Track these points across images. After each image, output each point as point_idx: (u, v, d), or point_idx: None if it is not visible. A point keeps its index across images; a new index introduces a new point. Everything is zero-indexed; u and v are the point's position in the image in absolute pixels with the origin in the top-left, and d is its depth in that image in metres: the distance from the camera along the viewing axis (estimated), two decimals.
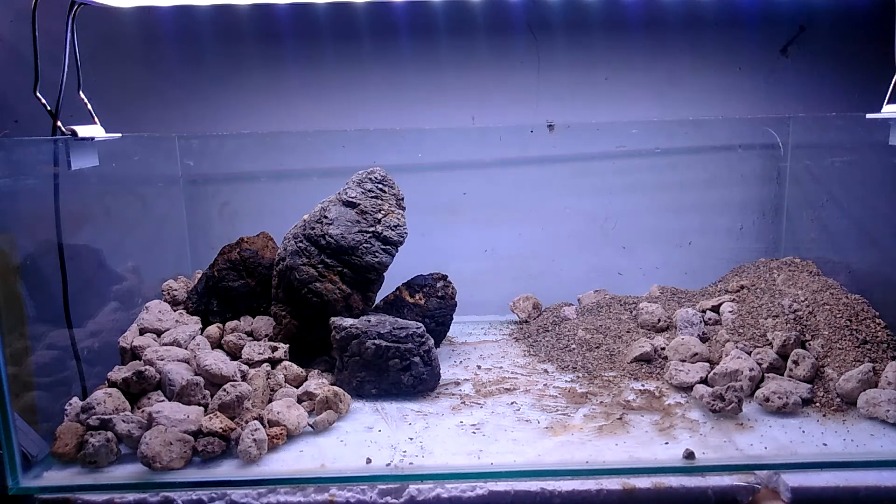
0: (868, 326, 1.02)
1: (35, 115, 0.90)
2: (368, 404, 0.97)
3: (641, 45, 1.25)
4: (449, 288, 1.13)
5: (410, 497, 0.79)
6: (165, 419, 0.84)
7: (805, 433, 0.88)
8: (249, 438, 0.82)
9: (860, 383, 0.92)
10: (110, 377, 0.93)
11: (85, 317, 1.03)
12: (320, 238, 1.01)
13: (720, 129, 1.27)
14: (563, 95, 1.26)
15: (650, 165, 1.29)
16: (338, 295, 1.00)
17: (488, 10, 1.23)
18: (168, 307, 1.09)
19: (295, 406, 0.90)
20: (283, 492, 0.79)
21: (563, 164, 1.29)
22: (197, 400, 0.90)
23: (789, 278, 1.14)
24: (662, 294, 1.25)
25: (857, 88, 1.24)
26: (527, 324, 1.26)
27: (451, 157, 1.28)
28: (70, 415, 0.88)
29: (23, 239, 0.92)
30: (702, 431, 0.88)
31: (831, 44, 1.26)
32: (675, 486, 0.80)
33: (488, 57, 1.26)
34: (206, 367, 0.93)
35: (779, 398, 0.92)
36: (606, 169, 1.29)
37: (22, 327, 0.91)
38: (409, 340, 0.97)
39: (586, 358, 1.09)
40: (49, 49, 1.16)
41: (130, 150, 1.03)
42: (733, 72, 1.27)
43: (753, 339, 1.04)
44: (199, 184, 1.29)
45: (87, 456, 0.82)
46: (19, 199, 0.89)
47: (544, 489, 0.79)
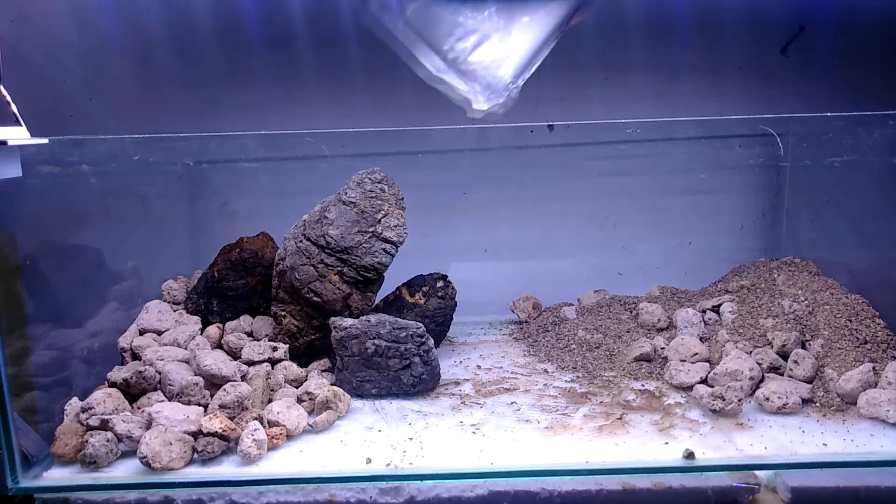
0: (868, 326, 1.02)
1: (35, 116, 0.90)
2: (368, 404, 0.97)
3: (641, 46, 1.25)
4: (449, 288, 1.13)
5: (410, 496, 0.79)
6: (165, 419, 0.84)
7: (805, 433, 0.88)
8: (249, 438, 0.83)
9: (860, 383, 0.92)
10: (110, 377, 0.93)
11: (84, 317, 1.03)
12: (320, 238, 1.01)
13: (720, 128, 1.27)
14: (562, 96, 1.26)
15: (650, 165, 1.29)
16: (338, 295, 1.00)
17: None
18: (168, 307, 1.09)
19: (295, 406, 0.90)
20: (283, 491, 0.80)
21: (563, 164, 1.29)
22: (197, 400, 0.90)
23: (789, 278, 1.14)
24: (662, 294, 1.25)
25: (857, 88, 1.24)
26: (527, 324, 1.26)
27: (451, 157, 1.28)
28: (70, 415, 0.88)
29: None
30: (702, 431, 0.88)
31: (831, 44, 1.26)
32: (675, 485, 0.80)
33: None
34: (205, 368, 0.94)
35: (779, 398, 0.92)
36: (606, 169, 1.29)
37: (22, 327, 0.91)
38: (408, 340, 0.97)
39: (586, 358, 1.09)
40: (50, 49, 1.17)
41: (130, 150, 1.03)
42: (733, 72, 1.27)
43: (753, 339, 1.04)
44: (198, 184, 1.29)
45: (87, 456, 0.82)
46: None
47: (544, 489, 0.79)
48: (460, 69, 1.00)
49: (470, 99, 1.01)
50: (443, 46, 1.00)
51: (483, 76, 1.00)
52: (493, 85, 1.00)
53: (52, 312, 0.99)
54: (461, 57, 1.00)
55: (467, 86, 1.00)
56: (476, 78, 1.00)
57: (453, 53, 1.00)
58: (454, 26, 0.99)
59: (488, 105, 1.00)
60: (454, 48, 0.99)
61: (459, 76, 1.01)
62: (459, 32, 0.99)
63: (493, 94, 1.00)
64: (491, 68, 0.99)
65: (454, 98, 1.02)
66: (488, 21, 0.99)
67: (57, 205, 0.99)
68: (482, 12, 0.99)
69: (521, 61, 1.00)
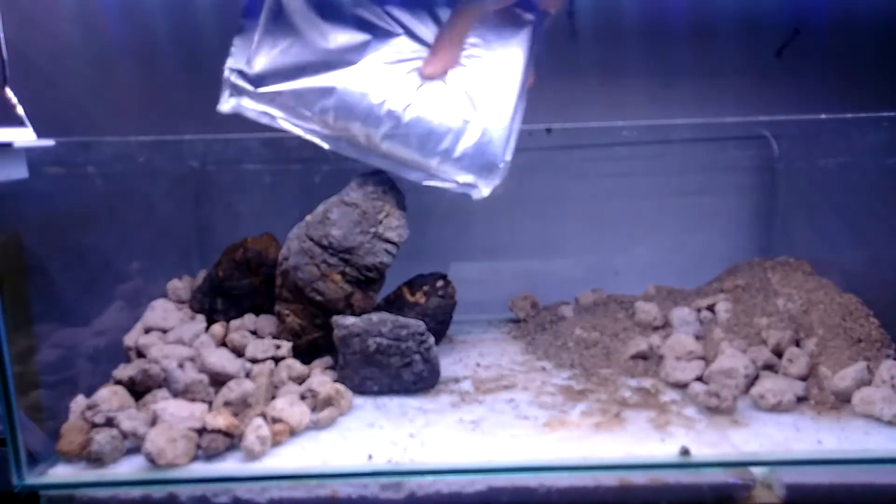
0: (862, 325, 1.02)
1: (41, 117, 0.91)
2: (370, 401, 0.98)
3: (636, 50, 1.26)
4: (449, 287, 1.14)
5: (411, 492, 0.80)
6: (170, 416, 0.84)
7: (800, 430, 0.88)
8: (253, 435, 0.83)
9: (854, 381, 0.93)
10: (115, 375, 0.93)
11: (90, 316, 1.04)
12: (323, 238, 1.02)
13: (715, 131, 1.27)
14: (559, 100, 1.27)
15: (646, 167, 1.30)
16: (340, 294, 1.01)
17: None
18: (173, 306, 1.10)
19: (298, 403, 0.91)
20: (286, 487, 0.80)
21: (561, 166, 1.29)
22: (201, 397, 0.91)
23: (784, 278, 1.15)
24: (658, 293, 1.26)
25: (851, 91, 1.25)
26: (525, 322, 1.27)
27: None
28: (75, 412, 0.89)
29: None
30: (697, 428, 0.89)
31: (826, 47, 1.27)
32: (670, 481, 0.81)
33: None
34: (210, 365, 0.94)
35: (773, 396, 0.92)
36: (603, 171, 1.30)
37: (28, 326, 0.92)
38: (409, 339, 0.98)
39: (583, 356, 1.10)
40: (55, 52, 1.18)
41: (136, 152, 1.04)
42: (728, 74, 1.28)
43: (748, 337, 1.05)
44: (203, 185, 1.30)
45: (92, 453, 0.82)
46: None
47: (542, 484, 0.80)
48: (450, 167, 1.00)
49: (469, 193, 1.01)
50: (425, 158, 1.00)
51: (474, 164, 1.00)
52: (488, 166, 1.00)
53: (58, 312, 0.99)
54: (447, 157, 1.00)
55: (463, 179, 1.01)
56: (469, 168, 1.00)
57: (437, 157, 1.00)
58: (428, 135, 0.99)
59: (490, 189, 1.01)
60: (436, 151, 0.99)
61: (451, 174, 1.01)
62: (435, 137, 0.99)
63: (491, 175, 1.00)
64: (478, 155, 0.99)
65: (453, 189, 1.02)
66: (459, 111, 0.99)
67: (63, 206, 1.00)
68: (451, 113, 0.99)
69: (505, 133, 1.00)
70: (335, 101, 0.98)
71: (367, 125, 0.99)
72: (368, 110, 0.98)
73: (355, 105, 0.98)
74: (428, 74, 0.99)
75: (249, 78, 1.00)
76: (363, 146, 1.02)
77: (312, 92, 0.99)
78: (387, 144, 1.00)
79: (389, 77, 0.99)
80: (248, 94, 1.00)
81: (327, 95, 0.98)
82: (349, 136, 1.01)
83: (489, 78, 1.01)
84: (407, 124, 0.98)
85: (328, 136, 1.01)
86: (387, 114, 0.98)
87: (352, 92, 0.98)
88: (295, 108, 1.00)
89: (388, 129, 0.99)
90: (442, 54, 0.99)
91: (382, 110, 0.98)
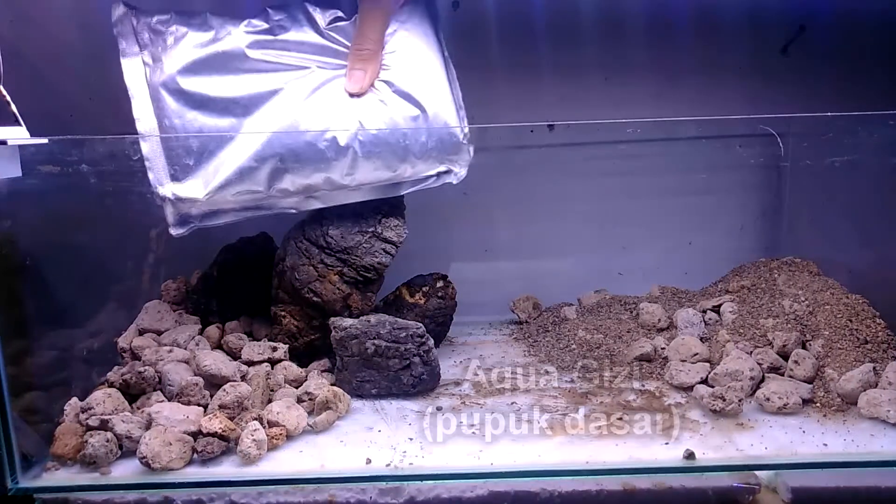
0: (868, 326, 1.02)
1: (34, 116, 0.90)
2: (368, 404, 0.97)
3: (641, 46, 1.25)
4: (449, 288, 1.13)
5: (410, 497, 0.79)
6: (165, 419, 0.84)
7: (805, 433, 0.88)
8: (249, 439, 0.83)
9: (861, 383, 0.92)
10: (109, 378, 0.93)
11: (84, 317, 1.03)
12: (320, 238, 1.01)
13: (720, 128, 1.26)
14: (563, 96, 1.26)
15: (650, 165, 1.29)
16: (337, 295, 1.00)
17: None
18: (167, 307, 1.09)
19: (294, 406, 0.90)
20: (283, 492, 0.79)
21: (564, 163, 1.29)
22: (196, 400, 0.90)
23: (790, 278, 1.14)
24: (663, 294, 1.25)
25: (857, 88, 1.24)
26: (527, 324, 1.26)
27: None
28: (69, 415, 0.88)
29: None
30: (702, 431, 0.88)
31: (832, 44, 1.26)
32: (675, 486, 0.80)
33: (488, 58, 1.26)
34: (205, 368, 0.94)
35: (779, 398, 0.92)
36: (607, 169, 1.29)
37: (21, 327, 0.91)
38: (408, 340, 0.97)
39: (587, 358, 1.09)
40: (50, 49, 1.17)
41: (129, 150, 1.03)
42: (734, 72, 1.27)
43: (754, 339, 1.04)
44: None
45: (87, 456, 0.82)
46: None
47: (544, 489, 0.79)
48: (423, 165, 0.99)
49: (450, 181, 1.01)
50: (396, 171, 0.98)
51: (442, 152, 0.98)
52: (454, 147, 0.99)
53: (52, 313, 0.99)
54: (415, 160, 0.97)
55: (437, 170, 1.00)
56: (439, 159, 0.99)
57: (406, 165, 0.97)
58: (390, 151, 0.96)
59: (465, 167, 1.00)
60: (405, 160, 0.97)
61: (426, 171, 1.00)
62: (397, 149, 0.96)
63: (461, 153, 0.99)
64: (440, 141, 0.98)
65: (434, 185, 1.01)
66: (403, 112, 0.96)
67: (56, 205, 0.99)
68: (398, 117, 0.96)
69: (453, 107, 0.98)
70: (280, 154, 0.93)
71: (321, 169, 0.94)
72: (318, 152, 0.94)
73: (301, 151, 0.93)
74: (356, 92, 0.95)
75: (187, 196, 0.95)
76: (329, 191, 0.98)
77: (251, 160, 0.93)
78: (349, 179, 0.96)
79: (320, 109, 0.95)
80: (196, 207, 0.96)
81: (269, 155, 0.93)
82: (312, 190, 0.97)
83: (412, 65, 0.98)
84: (365, 153, 0.95)
85: (293, 203, 0.98)
86: (339, 149, 0.94)
87: (291, 138, 0.93)
88: (248, 189, 0.95)
89: (349, 164, 0.95)
90: (362, 66, 0.95)
91: (331, 150, 0.94)
